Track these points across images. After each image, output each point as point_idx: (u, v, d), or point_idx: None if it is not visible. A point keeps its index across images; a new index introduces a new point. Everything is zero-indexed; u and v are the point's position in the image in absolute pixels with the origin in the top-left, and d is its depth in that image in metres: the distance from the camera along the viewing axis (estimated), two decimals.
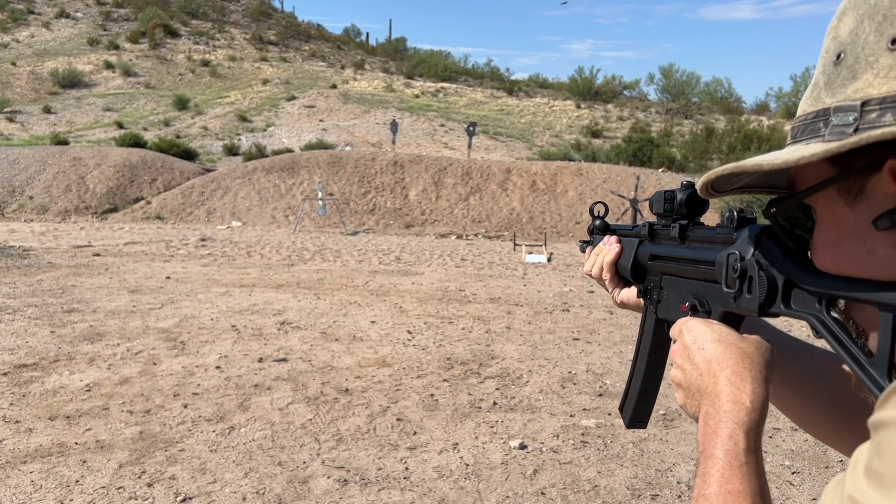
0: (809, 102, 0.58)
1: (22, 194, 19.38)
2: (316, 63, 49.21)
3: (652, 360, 0.96)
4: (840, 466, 3.91)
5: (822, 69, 0.58)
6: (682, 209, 0.83)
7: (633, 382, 0.99)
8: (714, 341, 0.68)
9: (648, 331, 0.95)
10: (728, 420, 0.62)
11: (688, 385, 0.69)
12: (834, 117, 0.54)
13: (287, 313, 7.43)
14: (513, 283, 10.18)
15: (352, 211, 19.44)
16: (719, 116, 39.66)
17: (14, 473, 3.49)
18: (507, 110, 39.80)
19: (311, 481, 3.51)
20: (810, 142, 0.56)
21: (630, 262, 0.97)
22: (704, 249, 0.76)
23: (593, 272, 1.07)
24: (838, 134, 0.53)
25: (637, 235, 0.98)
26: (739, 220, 0.69)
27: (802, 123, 0.58)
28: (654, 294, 0.91)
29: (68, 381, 4.93)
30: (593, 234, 1.13)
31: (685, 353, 0.71)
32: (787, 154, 0.56)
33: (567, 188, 20.16)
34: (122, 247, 13.19)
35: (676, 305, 0.83)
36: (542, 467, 3.76)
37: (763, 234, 0.65)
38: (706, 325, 0.71)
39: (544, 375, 5.44)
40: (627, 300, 1.02)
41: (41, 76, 38.43)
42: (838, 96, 0.54)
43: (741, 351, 0.66)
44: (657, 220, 0.91)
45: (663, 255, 0.87)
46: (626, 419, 0.99)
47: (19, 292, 8.05)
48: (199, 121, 32.56)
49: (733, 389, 0.63)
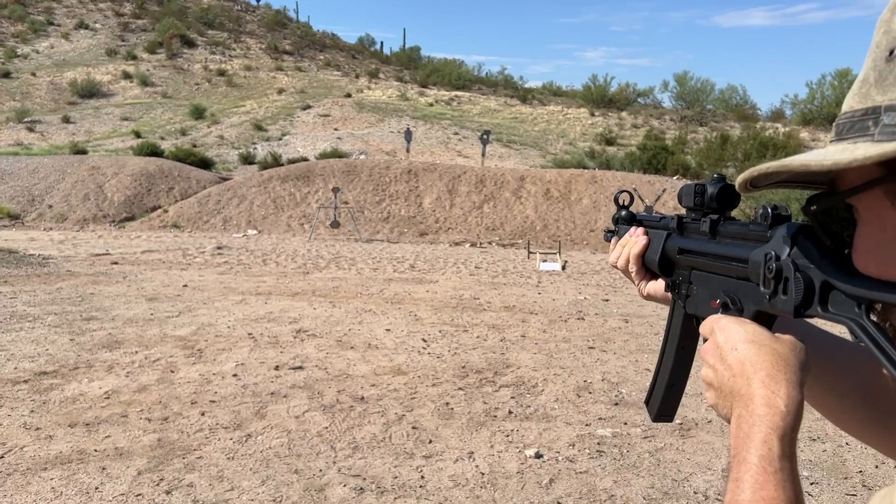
0: (857, 99, 0.55)
1: (41, 203, 19.62)
2: (331, 72, 49.50)
3: (679, 354, 0.94)
4: (859, 477, 3.87)
5: (873, 64, 0.54)
6: (712, 203, 0.81)
7: (659, 376, 0.97)
8: (747, 342, 0.66)
9: (676, 325, 0.93)
10: (762, 424, 0.60)
11: (720, 386, 0.68)
12: (885, 116, 0.51)
13: (303, 321, 7.47)
14: (527, 291, 10.17)
15: (366, 219, 19.50)
16: (734, 124, 39.42)
17: (35, 480, 3.54)
18: (521, 118, 39.81)
19: (327, 489, 3.52)
20: (858, 140, 0.53)
21: (658, 256, 0.95)
22: (737, 246, 0.74)
23: (619, 264, 1.05)
24: (890, 134, 0.50)
25: (665, 228, 0.95)
26: (774, 217, 0.67)
27: (849, 120, 0.55)
28: (682, 289, 0.89)
29: (87, 389, 4.99)
30: (619, 223, 1.10)
31: (717, 352, 0.69)
32: (837, 154, 0.53)
33: (581, 196, 20.12)
34: (140, 255, 13.31)
35: (706, 301, 0.81)
36: (557, 476, 3.76)
37: (800, 232, 0.63)
38: (739, 324, 0.69)
39: (559, 384, 5.43)
40: (654, 293, 1.00)
41: (60, 86, 38.93)
42: (890, 94, 0.52)
43: (775, 352, 0.64)
44: (686, 214, 0.88)
45: (693, 249, 0.85)
46: (653, 413, 0.98)
47: (39, 300, 8.15)
48: (216, 130, 32.83)
49: (767, 392, 0.62)
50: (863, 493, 3.68)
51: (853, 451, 4.22)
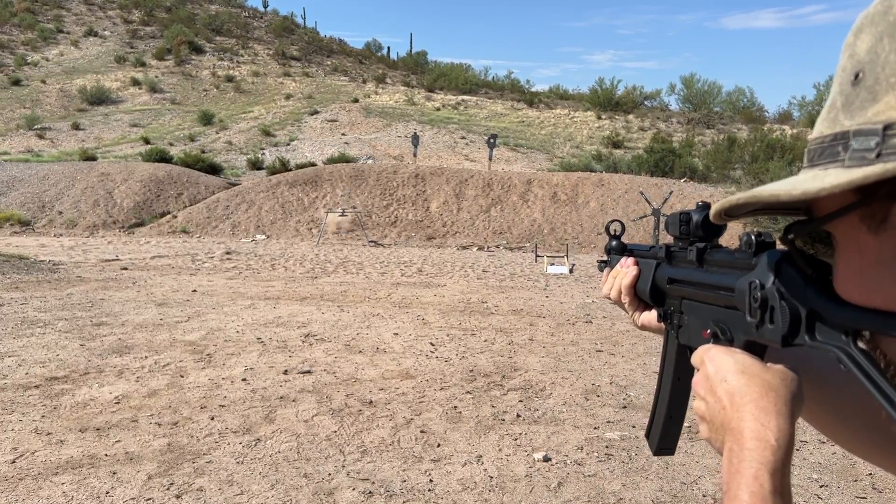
0: (826, 124, 0.54)
1: (52, 209, 19.76)
2: (338, 77, 49.68)
3: (676, 386, 0.92)
4: (869, 480, 3.85)
5: (840, 89, 0.53)
6: (698, 231, 0.79)
7: (657, 409, 0.96)
8: (737, 372, 0.64)
9: (671, 356, 0.92)
10: (752, 460, 0.58)
11: (711, 419, 0.66)
12: (854, 141, 0.50)
13: (311, 326, 7.49)
14: (535, 294, 10.17)
15: (374, 223, 19.55)
16: (741, 126, 39.32)
17: (46, 485, 3.57)
18: (528, 122, 39.82)
19: (336, 493, 3.53)
20: (828, 167, 0.52)
21: (648, 286, 0.93)
22: (723, 274, 0.73)
23: (612, 295, 1.03)
24: (859, 160, 0.49)
25: (654, 257, 0.94)
26: (758, 244, 0.66)
27: (819, 146, 0.54)
28: (674, 318, 0.88)
29: (98, 394, 5.02)
30: (610, 253, 1.09)
31: (707, 384, 0.67)
32: (806, 183, 0.52)
33: (588, 199, 20.10)
34: (149, 260, 13.39)
35: (698, 331, 0.80)
36: (566, 480, 3.76)
37: (783, 260, 0.62)
38: (728, 354, 0.67)
39: (567, 387, 5.43)
40: (648, 323, 0.99)
41: (70, 93, 39.22)
42: (858, 119, 0.50)
43: (765, 383, 0.62)
44: (674, 242, 0.87)
45: (682, 278, 0.84)
46: (654, 447, 0.96)
47: (50, 306, 8.21)
48: (224, 135, 33.00)
49: (757, 426, 0.60)
50: (873, 495, 3.67)
51: None
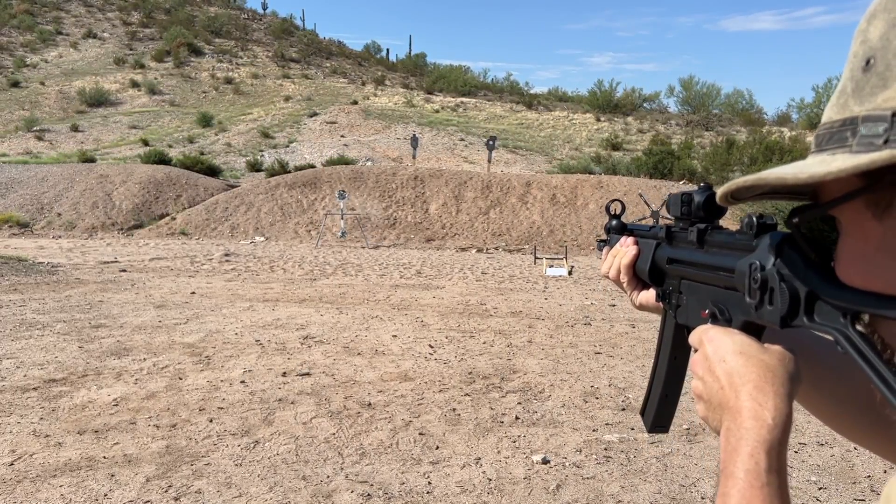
0: (836, 109, 0.55)
1: (50, 211, 19.75)
2: (337, 79, 49.70)
3: (673, 364, 0.93)
4: (867, 482, 3.85)
5: (850, 75, 0.54)
6: (699, 212, 0.80)
7: (653, 387, 0.97)
8: (735, 353, 0.65)
9: (668, 335, 0.92)
10: (749, 438, 0.59)
11: (709, 398, 0.67)
12: (862, 127, 0.50)
13: (310, 328, 7.49)
14: (534, 296, 10.17)
15: (373, 225, 19.55)
16: (740, 128, 39.38)
17: (44, 487, 3.56)
18: (527, 124, 39.85)
19: (334, 495, 3.53)
20: (836, 152, 0.53)
21: (648, 265, 0.94)
22: (724, 255, 0.73)
23: (611, 274, 1.04)
24: (867, 146, 0.49)
25: (655, 237, 0.95)
26: (759, 226, 0.66)
27: (828, 132, 0.55)
28: (672, 298, 0.88)
29: (96, 396, 5.02)
30: (610, 233, 1.10)
31: (706, 364, 0.68)
32: (813, 167, 0.52)
33: (587, 201, 20.12)
34: (148, 262, 13.38)
35: (696, 311, 0.81)
36: (564, 482, 3.76)
37: (784, 242, 0.62)
38: (727, 334, 0.68)
39: (566, 390, 5.43)
40: (646, 303, 0.99)
41: (69, 95, 39.22)
42: (867, 105, 0.51)
43: (763, 364, 0.63)
44: (675, 223, 0.88)
45: (681, 259, 0.85)
46: (648, 424, 0.97)
47: (48, 308, 8.20)
48: (223, 137, 33.00)
49: (755, 405, 0.61)
50: (871, 497, 3.67)
51: (861, 456, 4.20)
